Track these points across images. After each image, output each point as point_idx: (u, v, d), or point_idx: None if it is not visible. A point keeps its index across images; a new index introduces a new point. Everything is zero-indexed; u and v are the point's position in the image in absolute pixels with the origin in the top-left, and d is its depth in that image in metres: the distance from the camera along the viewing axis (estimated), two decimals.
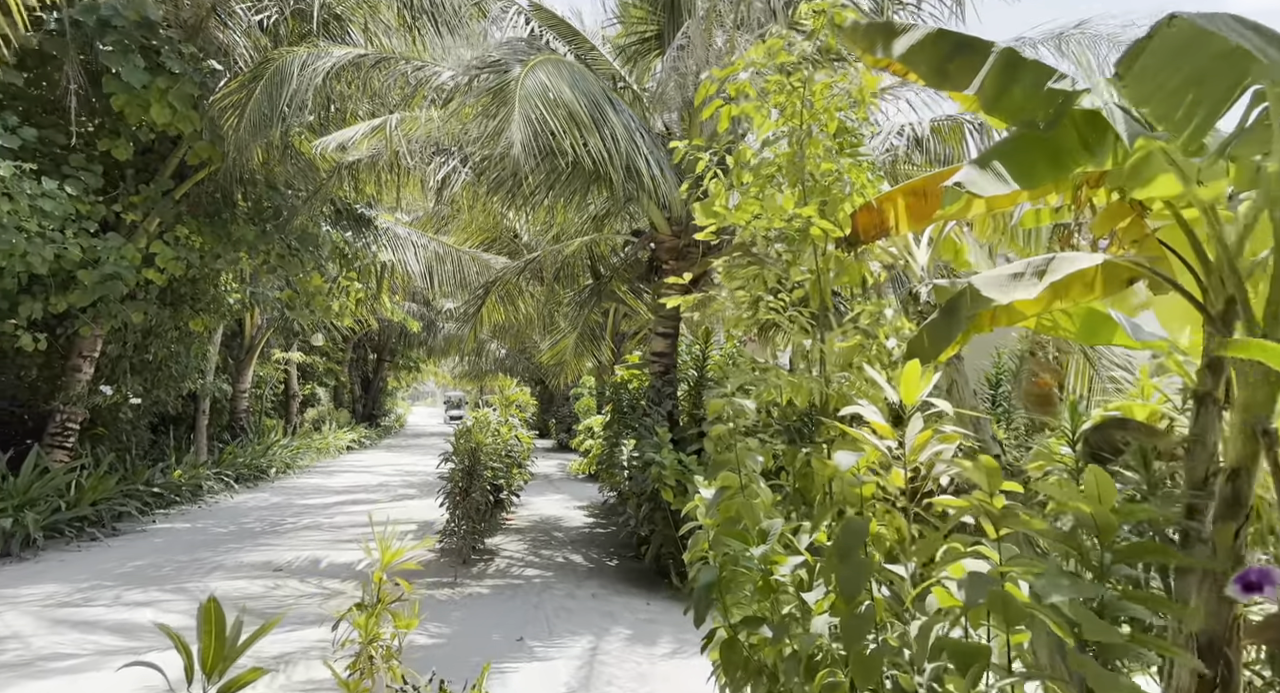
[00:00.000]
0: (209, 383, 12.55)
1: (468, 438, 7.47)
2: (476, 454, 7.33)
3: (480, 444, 7.41)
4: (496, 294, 10.43)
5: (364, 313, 15.64)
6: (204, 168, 9.12)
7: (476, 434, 7.46)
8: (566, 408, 25.23)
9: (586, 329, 11.27)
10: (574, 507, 11.99)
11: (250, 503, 11.91)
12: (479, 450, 7.35)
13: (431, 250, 10.90)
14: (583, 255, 9.55)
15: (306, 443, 18.12)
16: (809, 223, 3.48)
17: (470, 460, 7.33)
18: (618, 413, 10.28)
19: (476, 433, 7.53)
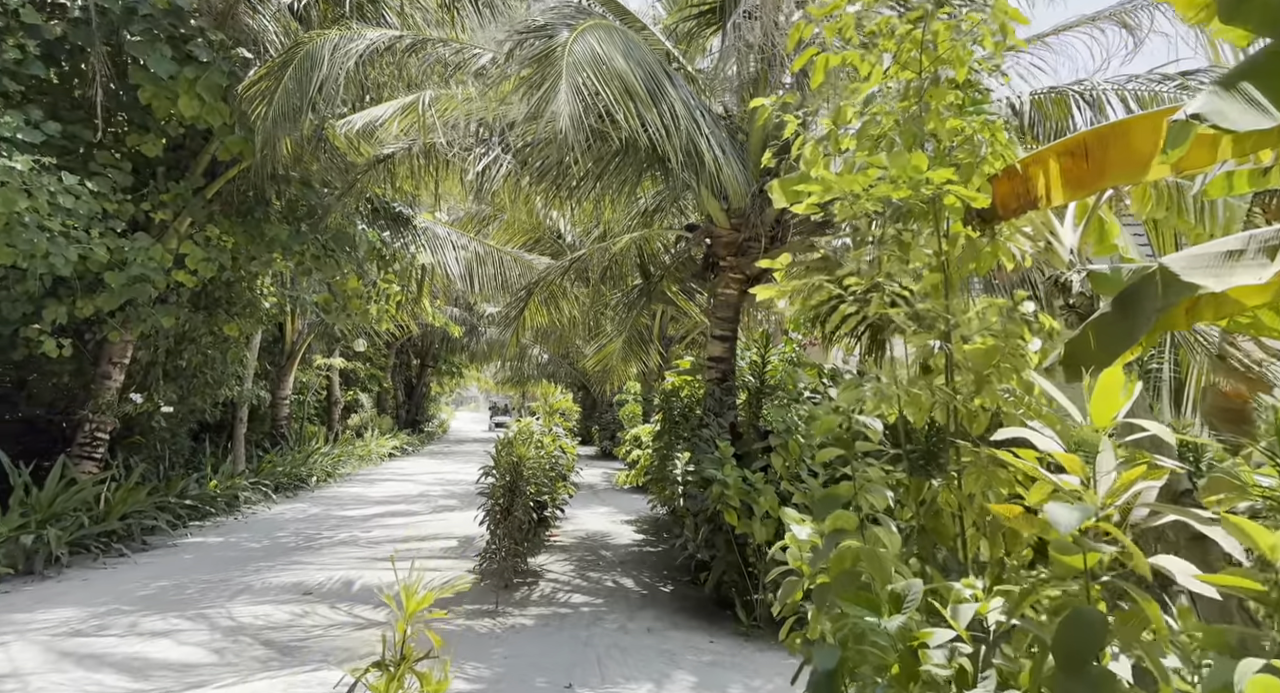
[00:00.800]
0: (247, 390, 12.21)
1: (509, 451, 6.85)
2: (519, 469, 6.70)
3: (523, 458, 6.78)
4: (539, 296, 9.83)
5: (404, 317, 15.23)
6: (236, 164, 8.70)
7: (518, 447, 6.83)
8: (610, 415, 24.61)
9: (634, 333, 10.61)
10: (622, 521, 11.31)
11: (287, 514, 11.50)
12: (521, 465, 6.72)
13: (472, 251, 10.36)
14: (631, 254, 8.90)
15: (348, 451, 17.81)
16: (940, 191, 2.74)
17: (512, 476, 6.70)
18: (669, 422, 9.57)
19: (518, 446, 6.90)
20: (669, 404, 9.50)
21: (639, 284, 9.49)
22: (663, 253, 9.21)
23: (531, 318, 10.30)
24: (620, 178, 6.66)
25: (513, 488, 6.65)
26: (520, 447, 6.87)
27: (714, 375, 7.58)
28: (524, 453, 6.79)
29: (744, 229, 7.22)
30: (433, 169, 7.95)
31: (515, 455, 6.78)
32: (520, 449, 6.82)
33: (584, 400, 30.64)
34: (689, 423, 8.91)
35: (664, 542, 9.67)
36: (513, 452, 6.80)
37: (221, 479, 11.47)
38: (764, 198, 6.95)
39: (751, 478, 5.92)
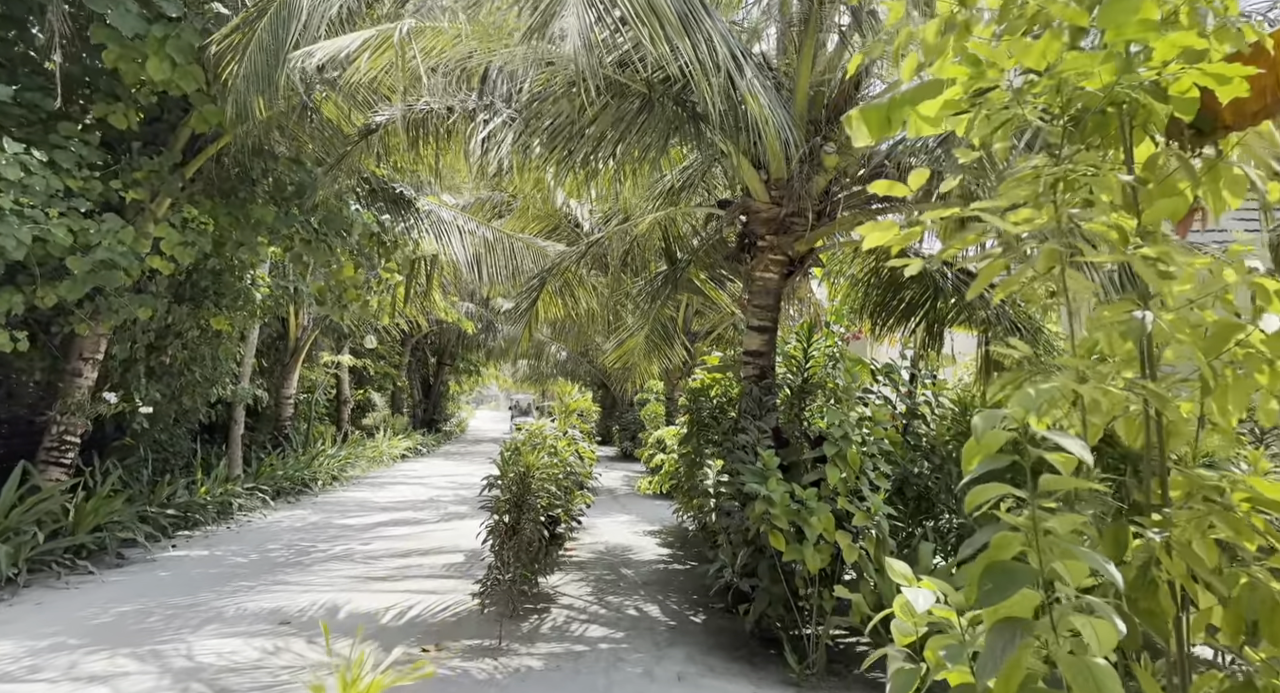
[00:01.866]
0: (243, 389, 11.41)
1: (517, 459, 5.92)
2: (527, 480, 5.77)
3: (532, 467, 5.84)
4: (554, 284, 8.90)
5: (412, 311, 14.40)
6: (218, 139, 7.86)
7: (527, 455, 5.90)
8: (631, 414, 23.68)
9: (657, 326, 9.65)
10: (644, 532, 10.36)
11: (284, 523, 10.69)
12: (529, 476, 5.79)
13: (480, 237, 9.47)
14: (654, 236, 7.94)
15: (356, 452, 17.03)
16: (1162, 76, 1.74)
17: (519, 488, 5.77)
18: (696, 425, 8.61)
19: (527, 453, 5.97)
20: (697, 405, 8.54)
21: (663, 271, 8.53)
22: (690, 235, 8.24)
23: (545, 310, 9.38)
24: (643, 141, 5.70)
25: (520, 503, 5.72)
26: (529, 454, 5.94)
27: (751, 372, 6.60)
28: (533, 462, 5.86)
29: (786, 202, 6.23)
30: (430, 139, 7.05)
31: (523, 465, 5.85)
32: (529, 457, 5.89)
33: (604, 399, 29.74)
34: (720, 426, 7.95)
35: (691, 556, 8.71)
36: (520, 460, 5.87)
37: (215, 485, 10.67)
38: (811, 166, 5.95)
39: (801, 495, 4.94)
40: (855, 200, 6.48)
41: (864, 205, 6.44)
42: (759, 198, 6.37)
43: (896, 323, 7.86)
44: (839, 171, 6.21)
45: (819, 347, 7.34)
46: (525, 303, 8.76)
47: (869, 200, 6.43)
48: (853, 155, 5.88)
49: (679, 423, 11.53)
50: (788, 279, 6.63)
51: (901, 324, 7.88)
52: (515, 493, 5.76)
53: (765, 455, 5.13)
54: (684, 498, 9.28)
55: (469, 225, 9.50)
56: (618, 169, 5.98)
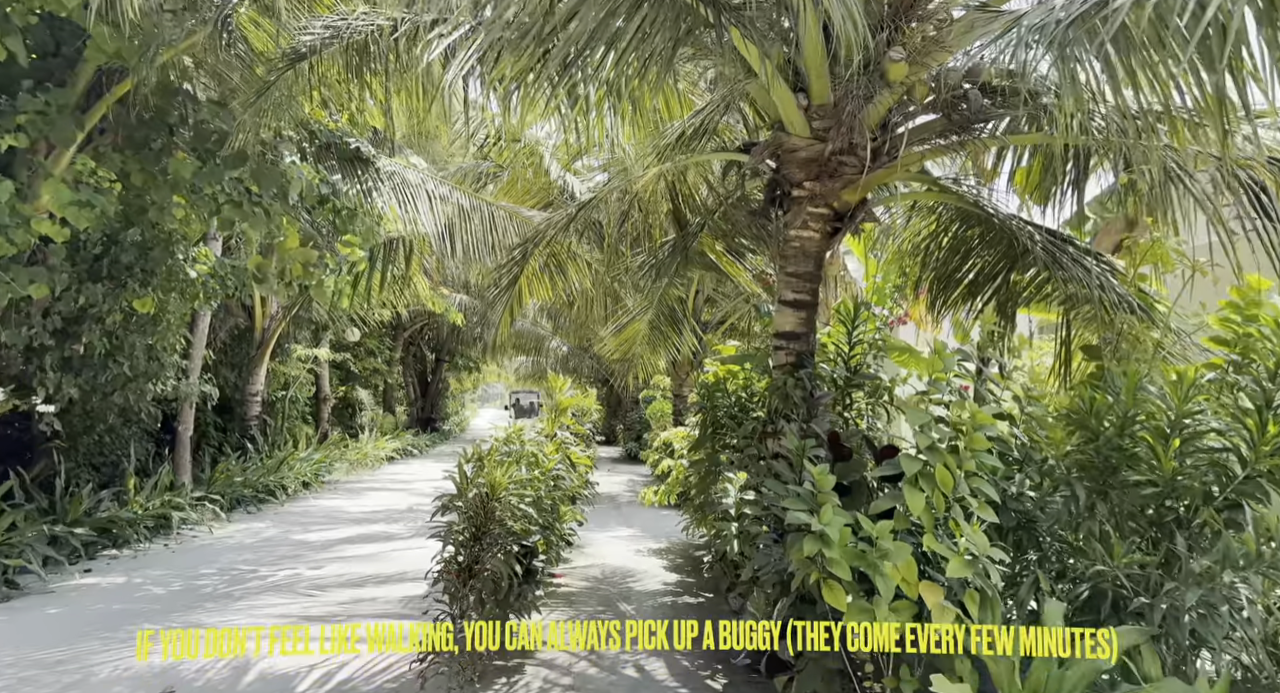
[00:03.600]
0: (189, 385, 9.97)
1: (474, 481, 4.44)
2: (489, 505, 4.29)
3: (497, 487, 4.36)
4: (539, 258, 7.42)
5: (388, 298, 12.95)
6: (126, 78, 6.41)
7: (491, 471, 4.42)
8: (636, 413, 22.20)
9: (664, 309, 8.16)
10: (649, 551, 8.88)
11: (234, 538, 9.26)
12: (493, 498, 4.31)
13: (454, 204, 7.97)
14: (659, 194, 6.44)
15: (335, 454, 15.60)
16: None
17: (479, 513, 4.30)
18: (710, 427, 7.13)
19: (492, 467, 4.48)
20: (711, 403, 7.05)
21: (669, 241, 7.03)
22: (704, 192, 6.72)
23: (531, 290, 7.89)
24: (643, 50, 4.21)
25: (481, 533, 4.24)
26: (495, 468, 4.45)
27: (784, 360, 5.11)
28: (500, 479, 4.37)
29: (833, 136, 4.73)
30: (378, 68, 5.58)
31: (486, 483, 4.37)
32: (494, 473, 4.40)
33: (608, 397, 28.28)
34: (740, 429, 6.46)
35: (706, 585, 7.22)
36: (483, 479, 4.38)
37: (152, 496, 9.25)
38: (870, 80, 4.44)
39: (869, 529, 3.44)
40: (924, 133, 4.96)
41: (937, 139, 4.93)
42: (796, 131, 4.87)
43: (959, 301, 6.35)
44: (903, 94, 4.70)
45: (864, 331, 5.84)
46: (505, 279, 7.28)
47: (943, 132, 4.92)
48: (927, 64, 4.37)
49: (689, 424, 10.02)
50: (832, 239, 5.13)
51: (965, 303, 6.37)
52: (474, 520, 4.28)
53: (817, 473, 3.63)
54: (695, 512, 7.80)
55: (440, 190, 8.02)
56: (610, 92, 4.48)
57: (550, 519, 6.07)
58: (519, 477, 5.04)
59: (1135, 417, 3.77)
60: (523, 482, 4.93)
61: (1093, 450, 3.89)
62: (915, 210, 6.28)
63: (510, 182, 11.01)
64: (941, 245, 6.18)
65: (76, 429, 9.22)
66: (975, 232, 5.91)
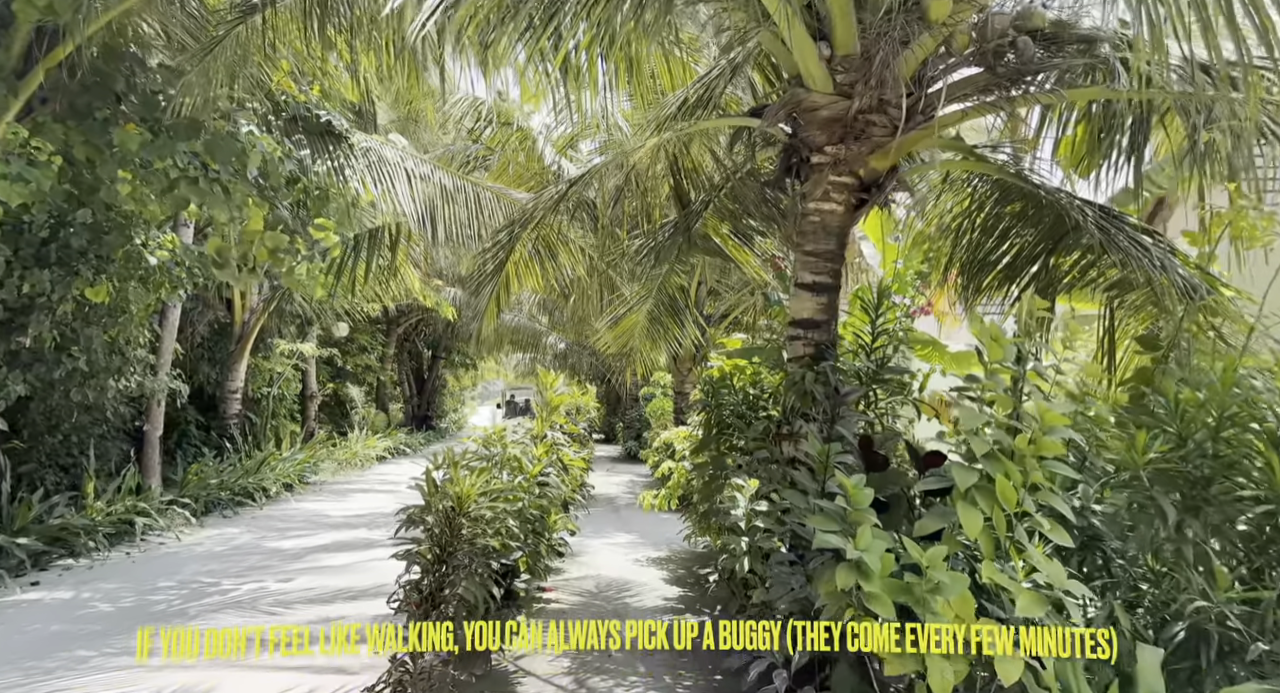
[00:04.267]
0: (157, 381, 9.33)
1: (441, 491, 3.79)
2: (456, 523, 3.64)
3: (465, 500, 3.71)
4: (528, 243, 6.77)
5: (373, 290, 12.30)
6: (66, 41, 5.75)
7: (458, 483, 3.76)
8: (636, 411, 21.55)
9: (664, 299, 7.51)
10: (648, 560, 8.24)
11: (202, 546, 8.63)
12: (460, 513, 3.66)
13: (436, 183, 7.30)
14: (659, 169, 5.78)
15: (322, 454, 14.96)
16: None
17: (444, 533, 3.65)
18: (715, 427, 6.48)
19: (459, 478, 3.83)
20: (716, 401, 6.40)
21: (670, 222, 6.38)
22: (709, 167, 6.06)
23: (519, 277, 7.23)
24: None
25: (446, 555, 3.59)
26: (462, 480, 3.80)
27: (801, 352, 4.46)
28: (468, 491, 3.72)
29: (860, 92, 4.08)
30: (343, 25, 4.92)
31: (452, 495, 3.71)
32: (461, 485, 3.75)
33: (607, 394, 27.63)
34: (749, 429, 5.81)
35: (711, 600, 6.58)
36: (447, 493, 3.73)
37: (115, 500, 8.61)
38: (907, 21, 3.79)
39: (916, 555, 2.79)
40: (964, 89, 4.31)
41: (980, 95, 4.27)
42: (817, 86, 4.21)
43: (994, 288, 5.70)
44: (941, 42, 4.05)
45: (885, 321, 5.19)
46: (491, 265, 6.63)
47: (985, 87, 4.26)
48: (974, 2, 3.72)
49: (691, 423, 9.38)
50: (856, 212, 4.48)
51: (1001, 290, 5.72)
52: (439, 539, 3.63)
53: (851, 486, 2.97)
54: (698, 520, 7.16)
55: (421, 168, 7.35)
56: (600, 36, 3.82)
57: (537, 530, 5.44)
58: (499, 485, 4.40)
59: (1233, 417, 3.12)
60: (502, 491, 4.29)
61: (1179, 458, 3.24)
62: (947, 185, 5.63)
63: (501, 166, 10.36)
64: (975, 224, 5.52)
65: (39, 429, 8.59)
66: (1015, 208, 5.26)
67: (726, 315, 12.90)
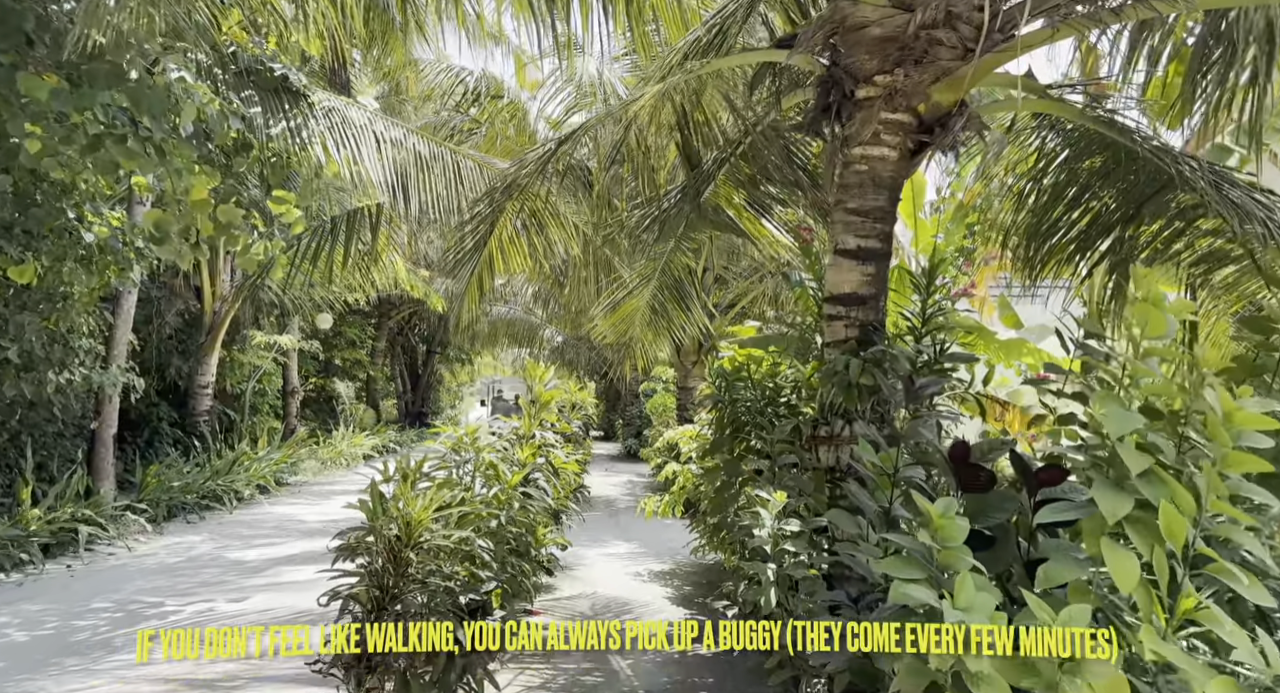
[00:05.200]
0: (111, 375, 8.46)
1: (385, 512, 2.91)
2: (401, 557, 2.76)
3: (415, 527, 2.82)
4: (513, 216, 5.89)
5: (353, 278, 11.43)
6: None
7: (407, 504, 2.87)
8: (636, 407, 20.69)
9: (668, 281, 6.62)
10: (650, 575, 7.38)
11: (155, 557, 7.78)
12: (408, 544, 2.78)
13: (410, 149, 6.39)
14: (664, 120, 4.89)
15: (304, 453, 14.08)
16: None
17: (389, 572, 2.77)
18: (729, 427, 5.60)
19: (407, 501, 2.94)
20: (730, 396, 5.52)
21: (676, 189, 5.49)
22: (724, 119, 5.15)
23: (504, 257, 6.35)
24: None
25: (387, 602, 2.71)
26: (410, 502, 2.91)
27: (845, 335, 3.59)
28: (418, 515, 2.83)
29: (923, 3, 3.18)
30: None
31: (399, 521, 2.83)
32: (411, 506, 2.86)
33: (607, 390, 26.77)
34: (776, 430, 4.91)
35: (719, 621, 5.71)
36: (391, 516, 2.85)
37: (56, 507, 7.74)
38: None
39: (1043, 615, 1.91)
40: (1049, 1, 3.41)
41: (1075, 3, 3.37)
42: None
43: (1063, 262, 4.82)
44: None
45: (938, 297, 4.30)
46: (471, 241, 5.75)
47: None
48: None
49: (698, 421, 8.50)
50: (914, 159, 3.60)
51: (1069, 265, 4.84)
52: (379, 580, 2.75)
53: (938, 516, 2.08)
54: (708, 531, 6.31)
55: (393, 133, 6.45)
56: None
57: (519, 551, 4.57)
58: (467, 502, 3.53)
59: None
60: (467, 511, 3.41)
61: None
62: (1011, 136, 4.74)
63: (488, 140, 9.47)
64: (1042, 185, 4.64)
65: None
66: (1094, 163, 4.37)
67: (734, 305, 12.02)
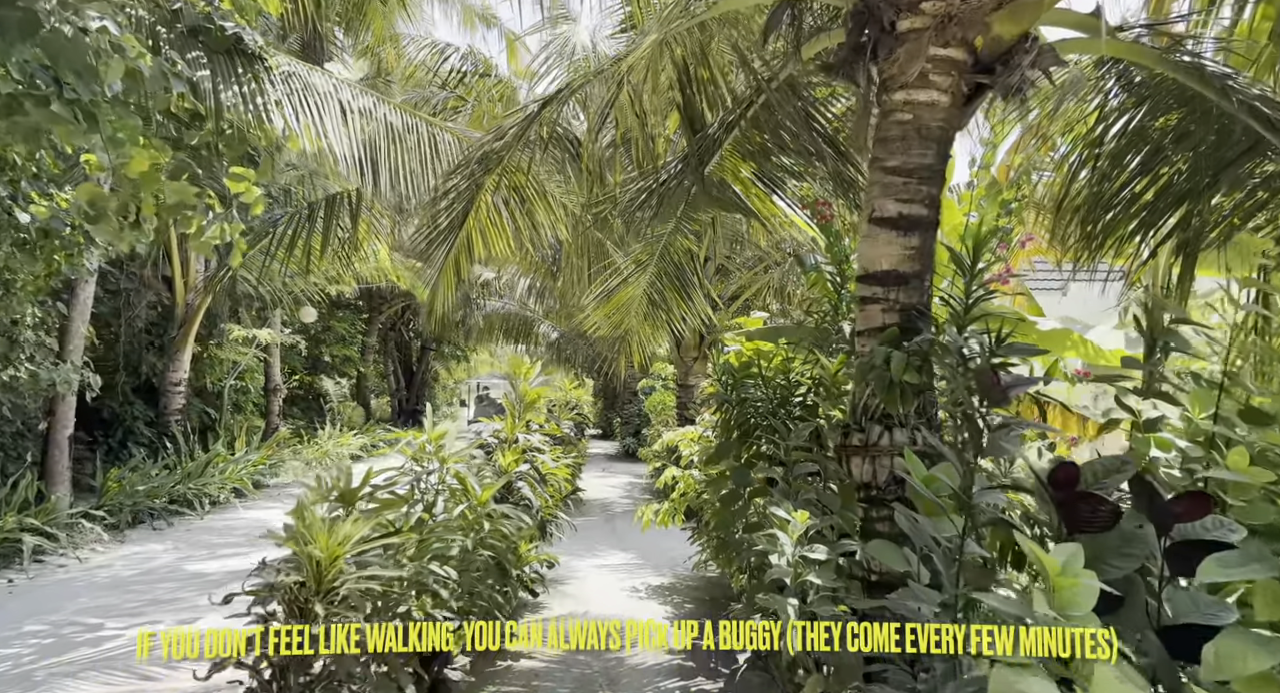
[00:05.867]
0: (64, 370, 7.82)
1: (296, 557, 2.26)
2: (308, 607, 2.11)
3: (328, 569, 2.17)
4: (492, 191, 5.24)
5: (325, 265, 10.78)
6: None
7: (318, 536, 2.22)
8: (635, 405, 20.05)
9: (667, 268, 5.97)
10: (649, 591, 6.74)
11: (110, 569, 7.16)
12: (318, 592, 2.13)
13: (381, 120, 5.74)
14: (663, 75, 4.24)
15: (286, 453, 13.44)
16: None
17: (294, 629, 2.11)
18: (736, 430, 4.95)
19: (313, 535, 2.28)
20: (739, 396, 4.88)
21: (677, 160, 4.83)
22: (731, 78, 4.49)
23: (483, 239, 5.69)
24: None
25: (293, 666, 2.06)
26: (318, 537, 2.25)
27: (882, 321, 2.96)
28: (333, 551, 2.18)
29: None
30: None
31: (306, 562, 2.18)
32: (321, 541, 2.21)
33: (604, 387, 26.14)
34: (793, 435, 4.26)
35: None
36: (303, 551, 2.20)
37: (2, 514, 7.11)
38: None
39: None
40: None
41: None
42: None
43: (1123, 240, 4.17)
44: None
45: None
46: (446, 220, 5.10)
47: None
48: None
49: (700, 422, 7.85)
50: (968, 105, 2.96)
51: (1130, 243, 4.19)
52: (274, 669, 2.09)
53: (1055, 569, 1.44)
54: (712, 547, 5.68)
55: (361, 101, 5.78)
56: None
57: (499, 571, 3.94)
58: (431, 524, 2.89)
59: None
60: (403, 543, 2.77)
61: None
62: (1068, 88, 4.08)
63: (474, 119, 8.81)
64: (1104, 148, 3.99)
65: None
66: (1170, 120, 3.72)
67: (736, 298, 11.36)
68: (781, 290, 11.03)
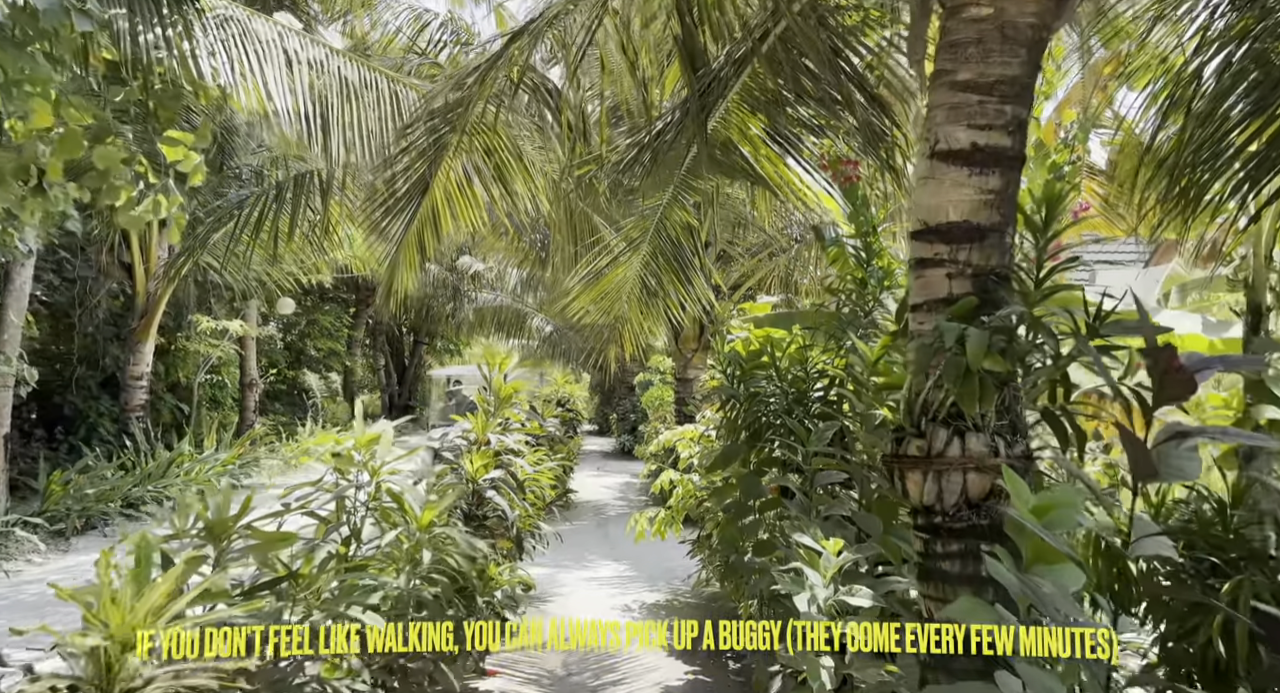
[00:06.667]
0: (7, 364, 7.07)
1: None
2: None
3: (115, 664, 1.41)
4: (462, 154, 4.47)
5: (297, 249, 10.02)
6: None
7: (102, 604, 1.48)
8: (630, 401, 19.30)
9: (663, 244, 5.21)
10: (643, 609, 6.00)
11: (35, 587, 6.42)
12: None
13: (333, 72, 4.95)
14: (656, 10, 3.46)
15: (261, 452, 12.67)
16: None
17: None
18: (744, 431, 4.20)
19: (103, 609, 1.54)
20: (747, 392, 4.13)
21: (674, 111, 4.07)
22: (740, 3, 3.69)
23: (450, 209, 4.92)
24: None
25: None
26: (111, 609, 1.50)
27: (949, 290, 2.18)
28: (133, 627, 1.43)
29: None
30: None
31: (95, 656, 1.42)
32: (111, 613, 1.45)
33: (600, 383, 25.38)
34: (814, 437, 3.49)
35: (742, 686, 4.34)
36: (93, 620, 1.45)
37: None
38: None
39: None
40: None
41: None
42: None
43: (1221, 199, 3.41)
44: None
45: None
46: (403, 184, 4.34)
47: None
48: None
49: (701, 421, 7.08)
50: (1063, 5, 2.18)
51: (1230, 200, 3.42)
52: None
53: None
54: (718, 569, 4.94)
55: (311, 52, 4.99)
56: None
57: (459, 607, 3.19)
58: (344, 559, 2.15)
59: None
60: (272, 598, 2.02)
61: None
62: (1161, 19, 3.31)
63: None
64: (1201, 86, 3.22)
65: None
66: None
67: (738, 286, 10.61)
68: (788, 279, 10.28)
